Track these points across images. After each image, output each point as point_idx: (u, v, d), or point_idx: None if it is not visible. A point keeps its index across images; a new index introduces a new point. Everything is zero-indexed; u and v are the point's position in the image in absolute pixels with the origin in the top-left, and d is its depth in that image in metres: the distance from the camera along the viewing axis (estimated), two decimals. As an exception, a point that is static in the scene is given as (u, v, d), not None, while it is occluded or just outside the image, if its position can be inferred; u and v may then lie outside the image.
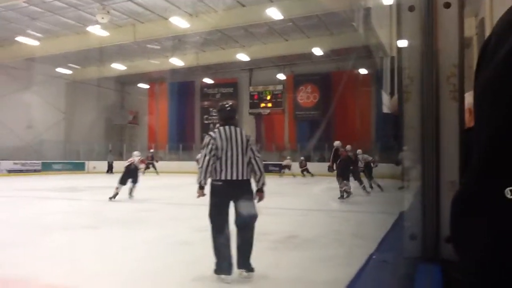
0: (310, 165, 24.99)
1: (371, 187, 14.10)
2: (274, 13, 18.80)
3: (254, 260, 4.23)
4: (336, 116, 29.65)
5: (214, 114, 34.26)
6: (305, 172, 24.62)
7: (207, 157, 4.25)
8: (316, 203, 11.81)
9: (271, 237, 6.35)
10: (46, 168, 27.56)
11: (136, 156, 12.58)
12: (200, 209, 4.59)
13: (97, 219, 8.41)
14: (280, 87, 31.99)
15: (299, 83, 31.34)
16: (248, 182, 4.34)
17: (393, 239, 1.58)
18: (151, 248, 5.75)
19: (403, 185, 1.25)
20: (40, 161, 27.66)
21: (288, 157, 26.67)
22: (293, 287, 4.16)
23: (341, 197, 11.71)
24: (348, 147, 13.84)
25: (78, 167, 29.72)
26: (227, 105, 4.79)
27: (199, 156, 21.13)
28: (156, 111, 36.16)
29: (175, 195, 13.90)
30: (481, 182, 0.53)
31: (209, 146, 4.27)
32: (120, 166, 26.96)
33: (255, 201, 4.36)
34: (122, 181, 11.90)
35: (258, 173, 4.38)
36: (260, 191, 4.41)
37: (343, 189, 11.71)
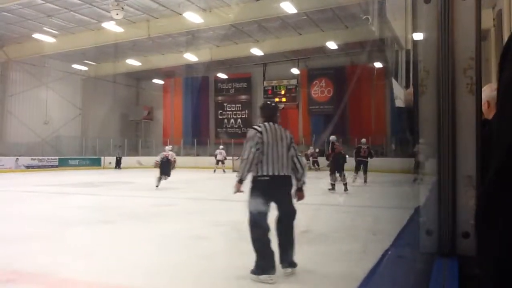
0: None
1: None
2: (288, 7, 18.70)
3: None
4: (351, 110, 29.50)
5: (228, 109, 34.38)
6: (315, 165, 24.65)
7: (253, 150, 4.13)
8: (329, 198, 11.77)
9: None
10: (63, 163, 27.91)
11: (168, 151, 14.19)
12: (215, 204, 4.61)
13: (114, 213, 8.51)
14: (294, 81, 31.89)
15: (313, 77, 31.19)
16: (290, 178, 4.29)
17: (408, 235, 1.56)
18: (167, 242, 5.80)
19: (417, 178, 1.25)
20: (57, 157, 28.03)
21: (311, 147, 26.57)
22: (307, 282, 4.16)
23: (332, 188, 12.66)
24: (363, 140, 14.01)
25: (94, 163, 30.05)
26: (270, 102, 4.87)
27: (217, 151, 21.50)
28: (170, 107, 36.33)
29: (190, 190, 13.98)
30: (503, 181, 0.53)
31: (255, 140, 4.16)
32: (132, 162, 27.26)
33: (294, 200, 4.29)
34: (162, 172, 13.54)
35: (300, 170, 4.35)
36: (300, 190, 4.35)
37: (333, 182, 12.72)
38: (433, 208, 1.19)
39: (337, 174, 12.85)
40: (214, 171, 23.93)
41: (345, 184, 12.54)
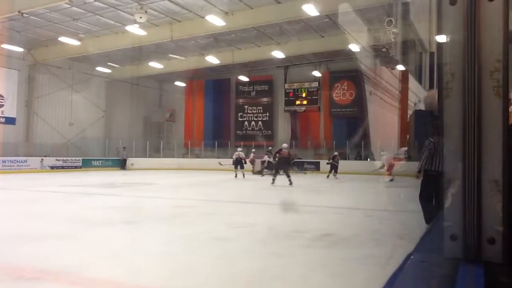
0: (348, 163, 24.68)
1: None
2: (310, 9, 18.65)
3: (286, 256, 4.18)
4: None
5: (249, 111, 34.46)
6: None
7: (426, 152, 6.30)
8: (353, 202, 11.68)
9: (306, 234, 6.33)
10: (86, 164, 28.40)
11: (239, 151, 21.02)
12: (235, 206, 4.60)
13: (137, 214, 8.60)
14: (315, 84, 31.76)
15: (335, 80, 31.00)
16: None
17: (432, 239, 1.54)
18: (190, 243, 5.82)
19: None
20: (81, 158, 28.54)
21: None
22: (326, 285, 4.12)
23: (273, 182, 15.80)
24: (285, 145, 16.75)
25: (117, 164, 30.48)
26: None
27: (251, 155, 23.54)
28: (192, 109, 36.60)
29: (212, 191, 14.05)
30: None
31: (427, 146, 6.32)
32: (159, 163, 27.54)
33: None
34: (236, 167, 20.52)
35: None
36: None
37: (275, 177, 16.02)
38: (458, 212, 1.17)
39: (281, 172, 16.01)
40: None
41: (290, 180, 15.32)
